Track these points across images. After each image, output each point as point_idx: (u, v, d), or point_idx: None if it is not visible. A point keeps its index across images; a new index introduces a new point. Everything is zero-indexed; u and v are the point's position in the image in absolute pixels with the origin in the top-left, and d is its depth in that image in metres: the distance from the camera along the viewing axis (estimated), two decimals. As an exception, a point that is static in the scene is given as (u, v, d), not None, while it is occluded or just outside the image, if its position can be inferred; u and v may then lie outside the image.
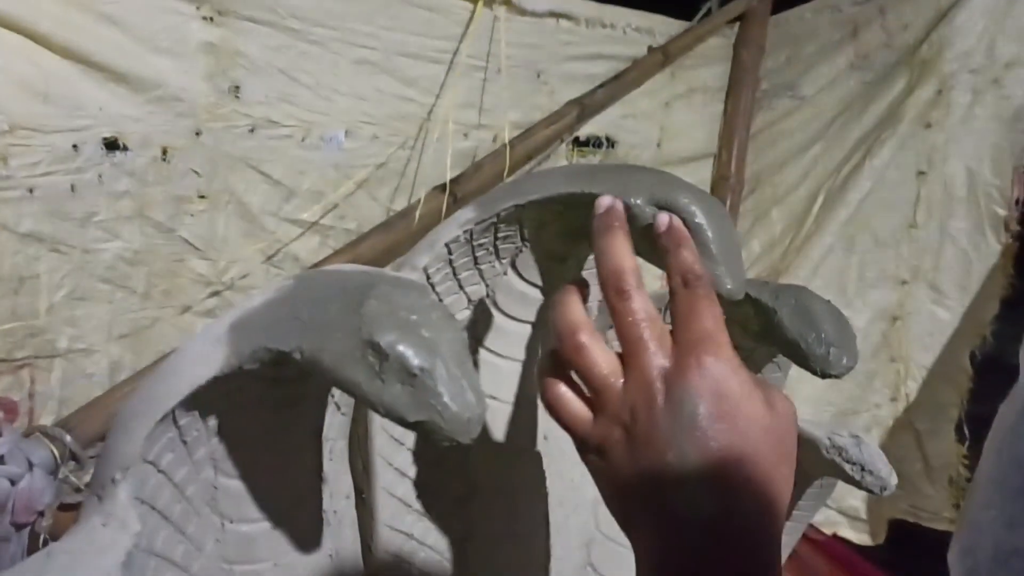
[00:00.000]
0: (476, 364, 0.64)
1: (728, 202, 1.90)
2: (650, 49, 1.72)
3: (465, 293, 0.62)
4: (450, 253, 0.58)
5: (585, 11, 1.62)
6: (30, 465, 1.00)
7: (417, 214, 1.39)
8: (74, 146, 1.14)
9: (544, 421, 0.69)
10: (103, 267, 1.22)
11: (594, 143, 1.74)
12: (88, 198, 1.18)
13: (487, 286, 0.62)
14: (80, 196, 1.17)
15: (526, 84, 1.62)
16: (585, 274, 0.69)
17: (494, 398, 0.64)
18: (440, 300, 0.61)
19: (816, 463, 0.77)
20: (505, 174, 1.50)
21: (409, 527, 0.62)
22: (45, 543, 1.02)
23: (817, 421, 0.79)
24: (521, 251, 0.61)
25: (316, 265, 1.38)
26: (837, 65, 1.83)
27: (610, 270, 0.46)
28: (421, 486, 0.62)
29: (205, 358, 0.42)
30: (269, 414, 0.49)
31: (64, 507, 1.04)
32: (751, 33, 1.89)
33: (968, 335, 1.70)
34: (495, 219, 0.56)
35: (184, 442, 0.45)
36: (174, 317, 1.31)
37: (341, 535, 0.59)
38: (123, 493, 0.41)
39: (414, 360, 0.39)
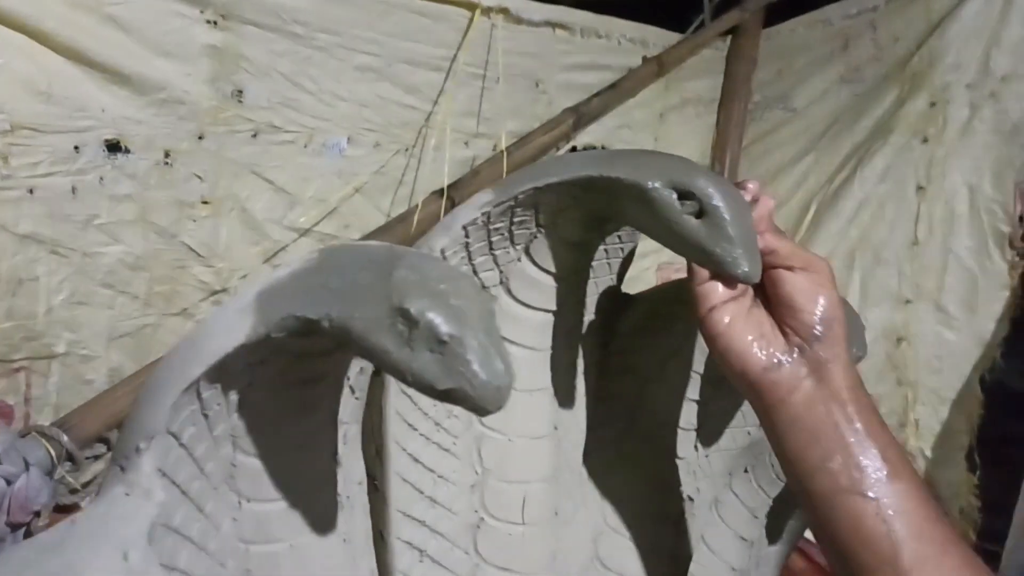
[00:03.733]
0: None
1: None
2: (644, 59, 1.73)
3: (479, 279, 0.62)
4: (467, 236, 0.58)
5: (580, 21, 1.64)
6: (26, 465, 0.99)
7: (415, 218, 1.39)
8: (75, 147, 1.14)
9: (554, 412, 0.69)
10: (104, 271, 1.22)
11: (590, 153, 1.75)
12: (89, 200, 1.18)
13: (501, 272, 0.62)
14: (81, 198, 1.17)
15: (525, 93, 1.64)
16: (596, 264, 0.70)
17: (507, 386, 0.64)
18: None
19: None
20: (503, 180, 1.50)
21: (421, 514, 0.62)
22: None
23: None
24: (536, 237, 0.61)
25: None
26: (828, 78, 1.84)
27: None
28: (433, 472, 0.62)
29: (232, 326, 0.42)
30: (289, 392, 0.49)
31: (60, 508, 1.03)
32: (743, 46, 1.91)
33: (977, 358, 1.68)
34: (513, 202, 0.57)
35: (205, 416, 0.45)
36: (175, 324, 1.31)
37: (353, 520, 0.59)
38: (147, 463, 0.41)
39: (444, 327, 0.39)
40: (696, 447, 0.79)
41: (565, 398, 0.71)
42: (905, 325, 1.76)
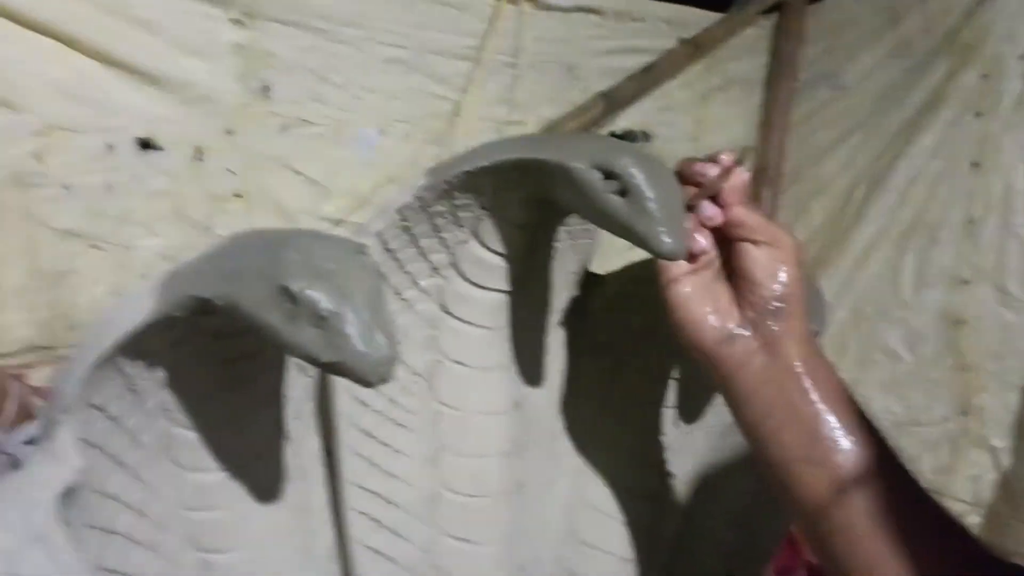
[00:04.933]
0: (444, 331, 0.66)
1: (768, 195, 1.89)
2: (680, 41, 1.72)
3: (429, 261, 0.64)
4: (404, 219, 0.60)
5: (613, 5, 1.64)
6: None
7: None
8: (108, 146, 1.21)
9: (517, 389, 0.71)
10: (142, 264, 1.28)
11: (629, 137, 1.75)
12: (124, 196, 1.24)
13: (451, 254, 0.64)
14: (116, 194, 1.23)
15: (558, 79, 1.64)
16: (559, 245, 0.71)
17: (461, 364, 0.66)
18: (403, 267, 0.63)
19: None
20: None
21: (376, 486, 0.64)
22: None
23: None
24: (482, 219, 0.63)
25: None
26: (877, 53, 1.79)
27: None
28: (388, 446, 0.64)
29: (137, 307, 0.45)
30: (218, 370, 0.52)
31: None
32: (790, 23, 1.88)
33: None
34: (446, 185, 0.58)
35: (133, 390, 0.49)
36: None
37: (309, 492, 0.62)
38: (63, 433, 0.44)
39: (323, 303, 0.42)
40: (677, 424, 0.80)
41: (531, 377, 0.72)
42: (964, 307, 1.70)
